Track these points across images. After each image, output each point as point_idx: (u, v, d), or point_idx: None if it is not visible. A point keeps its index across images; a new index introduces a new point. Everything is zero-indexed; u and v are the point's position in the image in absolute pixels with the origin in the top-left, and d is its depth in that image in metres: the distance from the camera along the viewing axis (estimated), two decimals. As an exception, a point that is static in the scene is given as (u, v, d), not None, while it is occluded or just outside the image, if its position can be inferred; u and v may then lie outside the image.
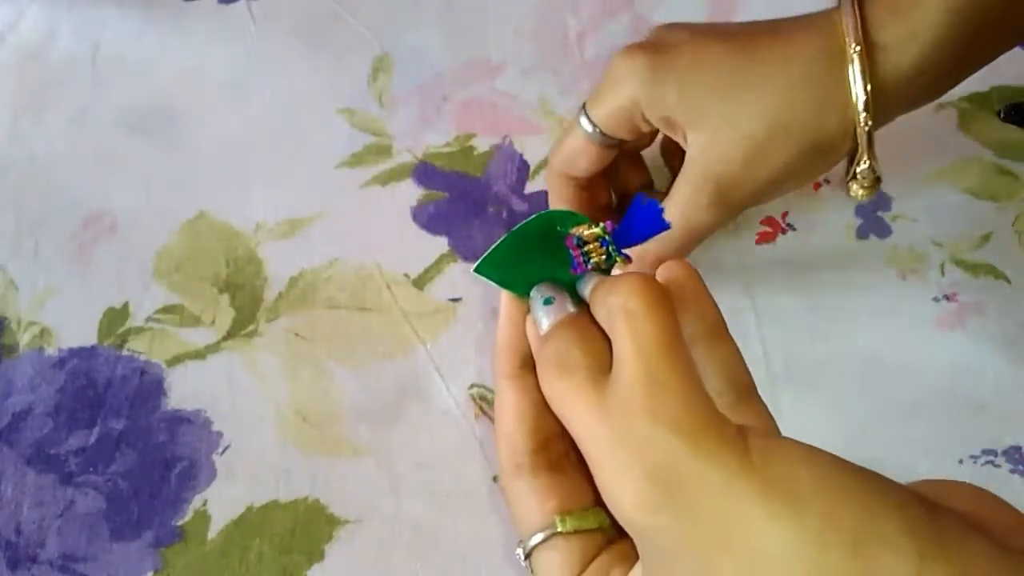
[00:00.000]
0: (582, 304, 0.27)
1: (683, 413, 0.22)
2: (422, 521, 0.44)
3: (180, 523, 0.44)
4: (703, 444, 0.21)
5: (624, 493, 0.21)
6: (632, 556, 0.25)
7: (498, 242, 0.28)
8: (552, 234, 0.28)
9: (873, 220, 0.50)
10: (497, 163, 0.53)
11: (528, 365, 0.28)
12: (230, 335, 0.49)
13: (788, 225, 0.51)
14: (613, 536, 0.27)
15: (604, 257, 0.28)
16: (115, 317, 0.50)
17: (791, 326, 0.48)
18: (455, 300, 0.49)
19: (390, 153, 0.54)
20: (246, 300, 0.50)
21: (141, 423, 0.46)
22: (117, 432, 0.46)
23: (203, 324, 0.49)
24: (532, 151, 0.54)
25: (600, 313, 0.25)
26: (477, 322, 0.49)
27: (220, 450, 0.46)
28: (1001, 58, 0.56)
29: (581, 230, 0.28)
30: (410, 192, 0.53)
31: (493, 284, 0.28)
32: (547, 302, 0.27)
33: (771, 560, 0.20)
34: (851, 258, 0.49)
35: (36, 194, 0.54)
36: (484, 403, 0.46)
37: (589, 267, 0.28)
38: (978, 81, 0.55)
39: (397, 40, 0.59)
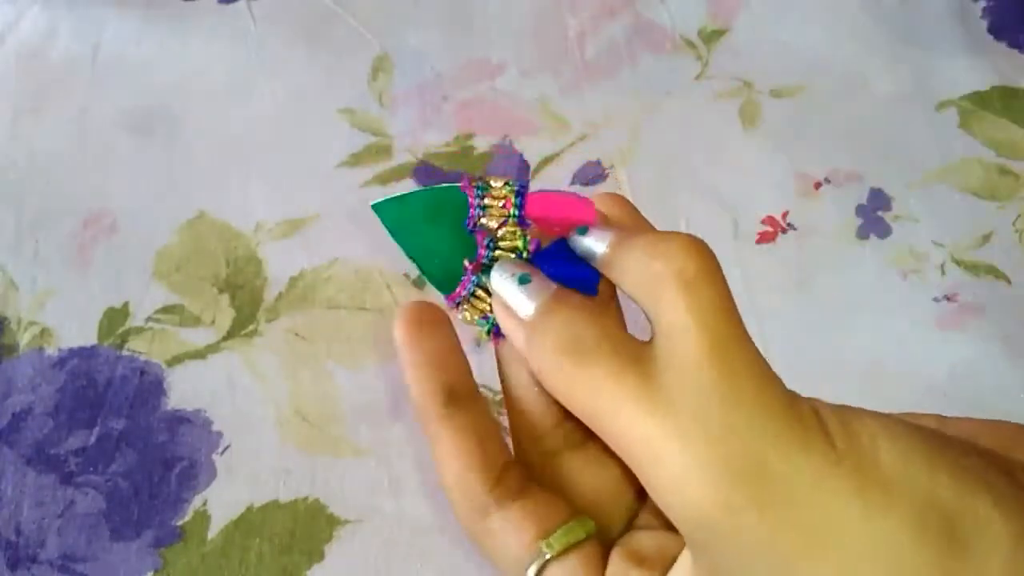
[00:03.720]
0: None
1: (763, 396, 0.19)
2: (422, 521, 0.44)
3: (180, 523, 0.44)
4: (788, 430, 0.19)
5: (699, 492, 0.18)
6: (649, 552, 0.23)
7: (413, 191, 0.25)
8: (464, 214, 0.25)
9: (873, 220, 0.50)
10: (497, 163, 0.53)
11: (455, 398, 0.24)
12: (230, 335, 0.49)
13: (788, 225, 0.51)
14: (607, 537, 0.24)
15: (512, 254, 0.24)
16: (115, 317, 0.50)
17: (791, 326, 0.48)
18: (455, 300, 0.49)
19: (390, 153, 0.54)
20: (246, 300, 0.50)
21: (141, 423, 0.46)
22: (117, 432, 0.46)
23: (203, 324, 0.49)
24: (532, 151, 0.54)
25: (632, 276, 0.21)
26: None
27: (220, 450, 0.46)
28: (1001, 58, 0.57)
29: (499, 228, 0.24)
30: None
31: (383, 227, 0.25)
32: (523, 280, 0.23)
33: (867, 558, 0.18)
34: (851, 258, 0.49)
35: (36, 194, 0.54)
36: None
37: (479, 272, 0.24)
38: (978, 81, 0.55)
39: (397, 40, 0.59)
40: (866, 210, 0.51)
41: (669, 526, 0.24)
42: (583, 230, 0.23)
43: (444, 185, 0.25)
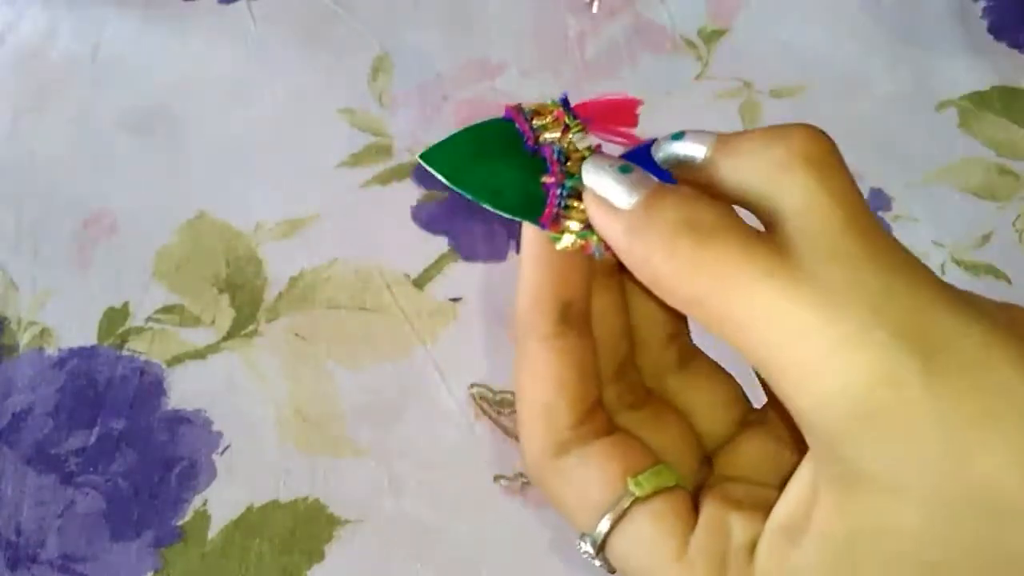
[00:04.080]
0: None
1: (911, 265, 0.17)
2: (422, 521, 0.44)
3: (180, 523, 0.44)
4: (950, 298, 0.17)
5: (857, 365, 0.16)
6: (742, 498, 0.21)
7: (452, 133, 0.23)
8: (517, 139, 0.23)
9: (873, 220, 0.50)
10: (497, 163, 0.53)
11: (568, 319, 0.22)
12: (230, 335, 0.49)
13: (788, 225, 0.50)
14: (693, 493, 0.22)
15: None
16: (115, 317, 0.50)
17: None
18: (455, 300, 0.49)
19: (390, 153, 0.54)
20: (246, 300, 0.50)
21: (141, 423, 0.46)
22: (117, 432, 0.46)
23: (203, 324, 0.49)
24: (532, 151, 0.54)
25: (747, 168, 0.20)
26: (477, 322, 0.49)
27: (220, 450, 0.46)
28: (1001, 57, 0.57)
29: (562, 139, 0.23)
30: (410, 192, 0.52)
31: (439, 176, 0.23)
32: (625, 170, 0.20)
33: None
34: (851, 258, 0.49)
35: (36, 194, 0.54)
36: (484, 403, 0.46)
37: (564, 182, 0.22)
38: (978, 81, 0.55)
39: (397, 40, 0.59)
40: (866, 210, 0.51)
41: (753, 481, 0.22)
42: (678, 135, 0.21)
43: (486, 119, 0.23)
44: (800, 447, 0.19)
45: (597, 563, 0.22)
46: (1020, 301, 0.50)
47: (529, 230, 0.22)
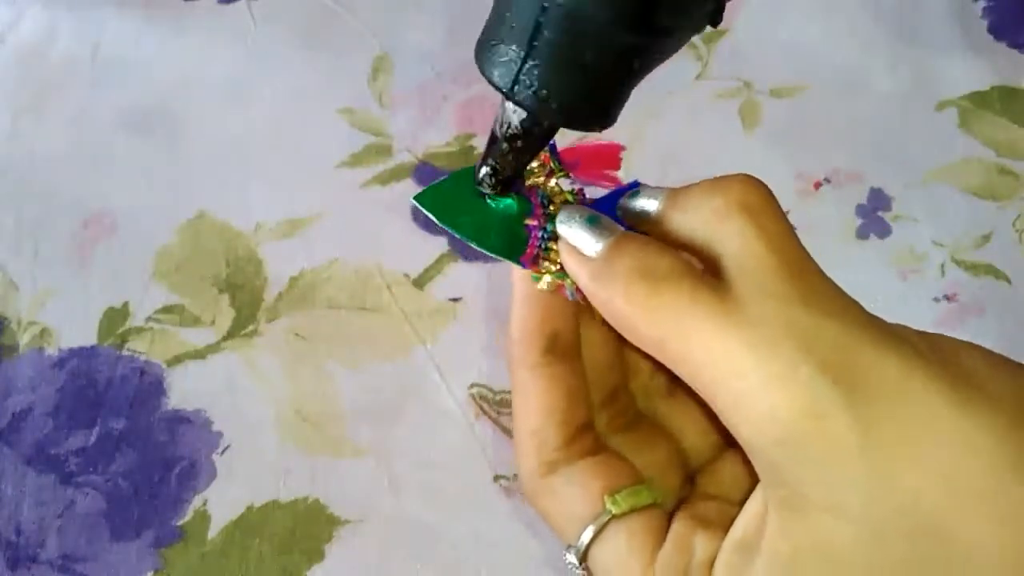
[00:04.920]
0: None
1: (839, 302, 0.19)
2: (422, 521, 0.44)
3: (180, 523, 0.44)
4: (874, 333, 0.18)
5: (785, 399, 0.18)
6: (712, 516, 0.23)
7: (450, 174, 0.25)
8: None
9: (873, 220, 0.50)
10: (497, 163, 0.53)
11: (555, 350, 0.24)
12: (230, 335, 0.49)
13: (788, 225, 0.50)
14: (671, 509, 0.24)
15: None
16: (115, 317, 0.50)
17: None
18: (455, 300, 0.49)
19: (390, 153, 0.54)
20: (246, 300, 0.50)
21: (141, 423, 0.46)
22: (117, 432, 0.46)
23: (203, 324, 0.49)
24: (532, 151, 0.54)
25: (692, 219, 0.21)
26: (477, 322, 0.49)
27: (220, 450, 0.46)
28: (1001, 57, 0.56)
29: (546, 184, 0.25)
30: (410, 192, 0.52)
31: (431, 216, 0.24)
32: (592, 221, 0.23)
33: (964, 451, 0.17)
34: (851, 258, 0.49)
35: (36, 194, 0.54)
36: (484, 403, 0.46)
37: (546, 225, 0.24)
38: (978, 81, 0.55)
39: (397, 40, 0.59)
40: (866, 210, 0.51)
41: (729, 501, 0.24)
42: (635, 193, 0.24)
43: (469, 167, 0.25)
44: None
45: (581, 573, 0.24)
46: (1020, 301, 0.50)
47: (518, 268, 0.24)
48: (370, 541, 0.43)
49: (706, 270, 0.21)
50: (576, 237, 0.23)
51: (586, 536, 0.23)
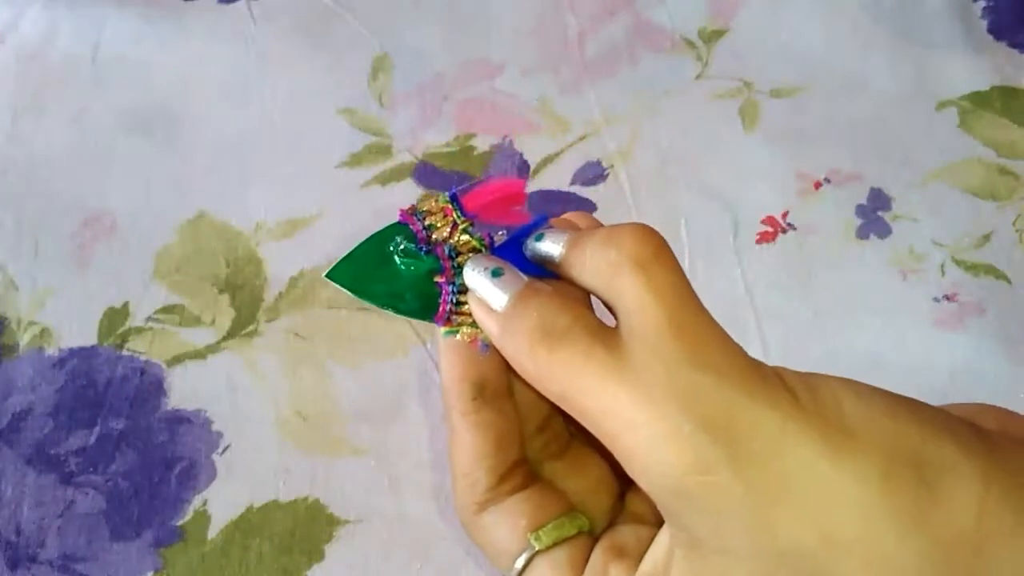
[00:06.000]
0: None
1: (723, 358, 0.20)
2: (422, 521, 0.44)
3: (180, 523, 0.44)
4: (752, 388, 0.19)
5: (671, 455, 0.19)
6: (629, 545, 0.24)
7: (354, 247, 0.25)
8: (415, 241, 0.25)
9: (873, 220, 0.50)
10: (497, 163, 0.53)
11: (483, 396, 0.25)
12: (230, 335, 0.49)
13: (788, 225, 0.51)
14: (598, 532, 0.25)
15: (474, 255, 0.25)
16: (115, 317, 0.50)
17: (791, 326, 0.48)
18: (455, 300, 0.49)
19: (390, 153, 0.54)
20: (246, 300, 0.50)
21: (141, 423, 0.46)
22: (117, 432, 0.46)
23: (203, 324, 0.49)
24: (532, 151, 0.54)
25: (590, 269, 0.22)
26: (477, 322, 0.49)
27: (220, 450, 0.46)
28: (1001, 57, 0.57)
29: (451, 237, 0.25)
30: (410, 192, 0.52)
31: (344, 291, 0.25)
32: (496, 273, 0.23)
33: (837, 501, 0.18)
34: (851, 258, 0.49)
35: (36, 194, 0.54)
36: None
37: (454, 280, 0.25)
38: (978, 81, 0.55)
39: (397, 40, 0.59)
40: (866, 210, 0.51)
41: (649, 522, 0.25)
42: (539, 237, 0.24)
43: (382, 228, 0.25)
44: None
45: None
46: (1020, 301, 0.50)
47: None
48: (370, 541, 0.43)
49: (610, 319, 0.22)
50: (483, 290, 0.24)
51: (514, 571, 0.24)
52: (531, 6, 0.60)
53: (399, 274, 0.25)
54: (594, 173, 0.53)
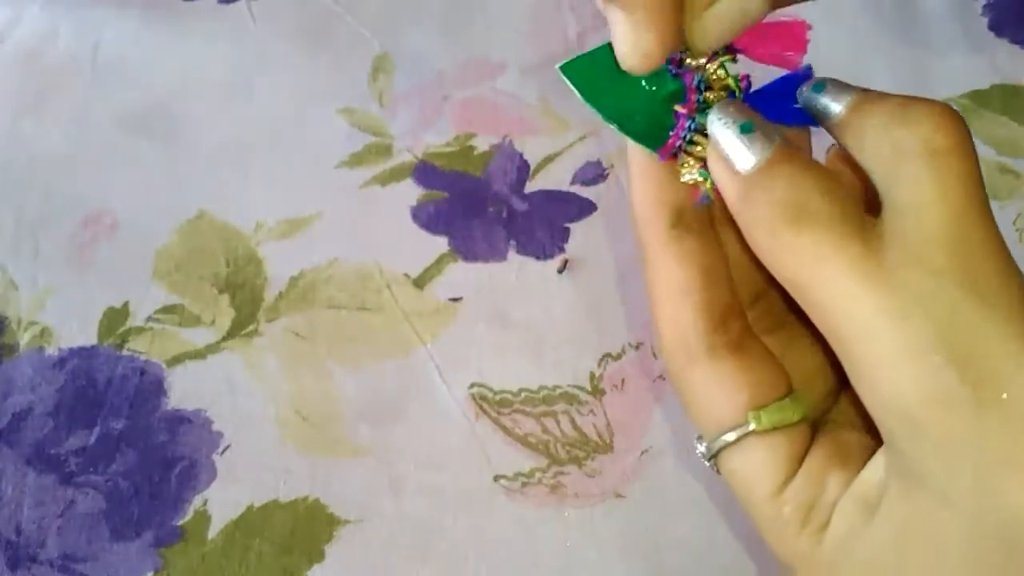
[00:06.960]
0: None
1: (999, 286, 0.17)
2: (422, 521, 0.44)
3: (180, 523, 0.44)
4: (1017, 329, 0.17)
5: (908, 380, 0.17)
6: (852, 450, 0.21)
7: (596, 47, 0.22)
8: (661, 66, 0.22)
9: (873, 219, 0.50)
10: (497, 163, 0.53)
11: (683, 223, 0.22)
12: (230, 335, 0.49)
13: (788, 224, 0.50)
14: (815, 425, 0.22)
15: (725, 94, 0.22)
16: (115, 317, 0.50)
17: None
18: (455, 300, 0.49)
19: (390, 153, 0.54)
20: (246, 300, 0.50)
21: (141, 423, 0.46)
22: (117, 432, 0.46)
23: (203, 324, 0.49)
24: (532, 151, 0.54)
25: (871, 143, 0.19)
26: (477, 322, 0.48)
27: (220, 450, 0.46)
28: (1001, 56, 0.56)
29: (707, 68, 0.22)
30: (410, 192, 0.52)
31: (574, 90, 0.22)
32: (745, 129, 0.20)
33: None
34: (851, 257, 0.49)
35: (36, 194, 0.54)
36: (484, 403, 0.46)
37: (695, 115, 0.21)
38: (978, 79, 0.55)
39: (397, 40, 0.59)
40: (866, 209, 0.51)
41: (866, 427, 0.22)
42: (819, 86, 0.21)
43: None
44: None
45: (710, 466, 0.22)
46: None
47: (636, 147, 0.22)
48: (370, 541, 0.43)
49: (868, 205, 0.19)
50: (728, 145, 0.20)
51: (721, 442, 0.21)
52: (531, 6, 0.60)
53: (637, 90, 0.22)
54: (594, 173, 0.53)
